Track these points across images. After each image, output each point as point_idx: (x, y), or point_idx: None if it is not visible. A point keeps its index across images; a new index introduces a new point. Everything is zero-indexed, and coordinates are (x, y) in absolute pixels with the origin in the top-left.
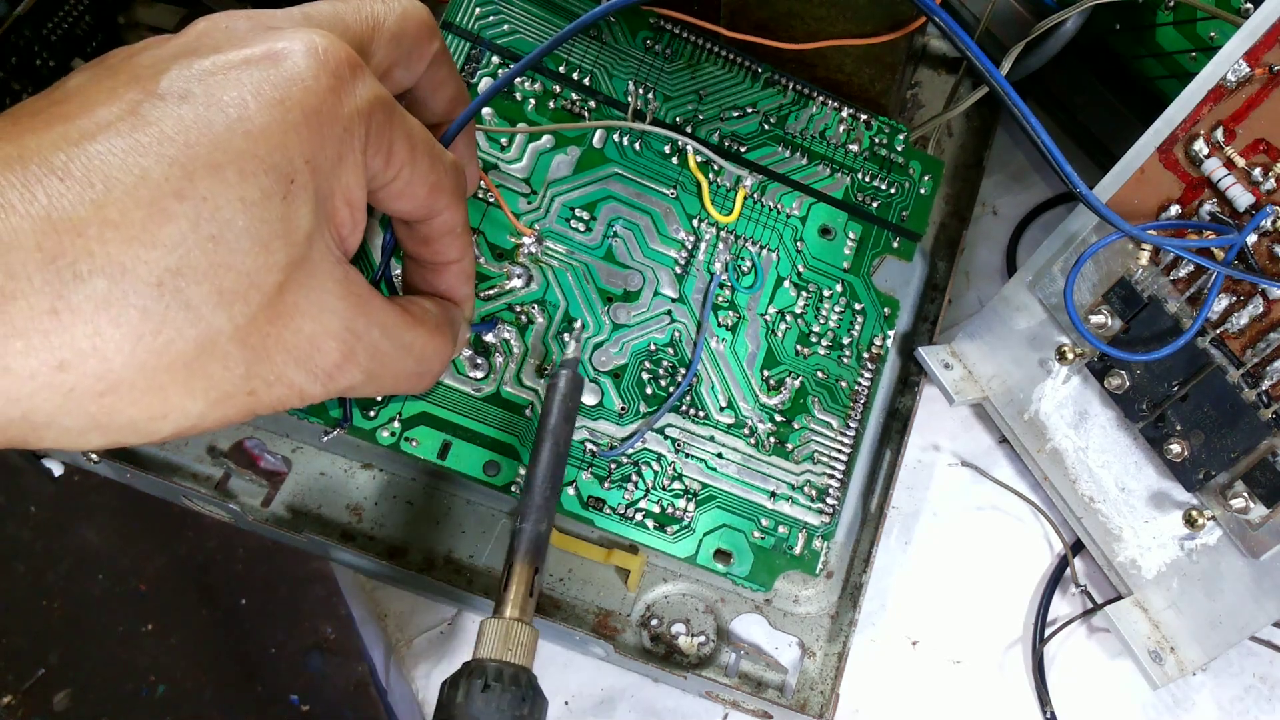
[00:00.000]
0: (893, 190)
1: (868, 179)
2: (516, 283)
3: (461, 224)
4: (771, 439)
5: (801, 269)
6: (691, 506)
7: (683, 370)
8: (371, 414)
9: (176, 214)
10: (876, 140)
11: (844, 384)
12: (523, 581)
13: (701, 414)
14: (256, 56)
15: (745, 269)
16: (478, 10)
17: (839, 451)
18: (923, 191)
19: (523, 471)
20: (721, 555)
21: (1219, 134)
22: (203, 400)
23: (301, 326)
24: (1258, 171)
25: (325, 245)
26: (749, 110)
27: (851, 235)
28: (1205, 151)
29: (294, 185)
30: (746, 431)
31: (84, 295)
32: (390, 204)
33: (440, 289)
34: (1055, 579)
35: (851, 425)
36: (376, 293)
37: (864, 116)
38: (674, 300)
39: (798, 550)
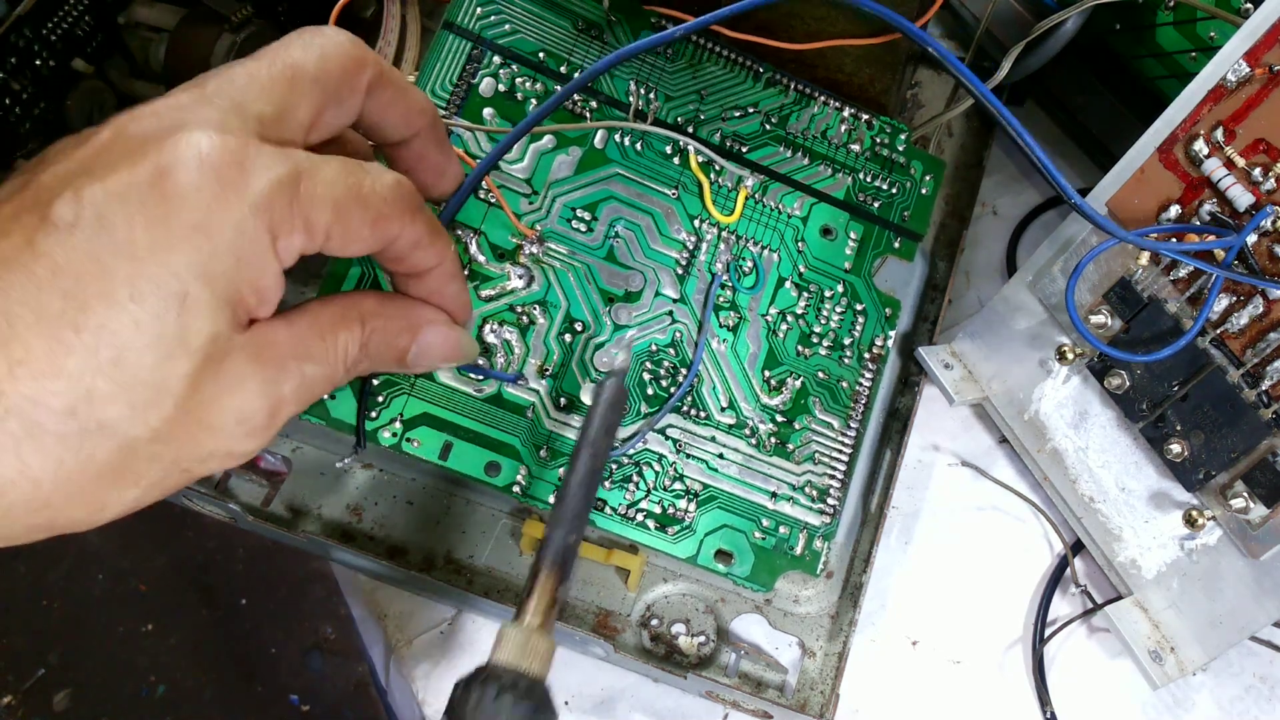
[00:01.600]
0: (894, 190)
1: (869, 179)
2: (518, 283)
3: (426, 235)
4: (772, 439)
5: (803, 269)
6: (692, 507)
7: (684, 371)
8: (373, 415)
9: (76, 345)
10: (878, 140)
11: (845, 384)
12: (546, 591)
13: (703, 414)
14: (143, 176)
15: (746, 269)
16: (478, 10)
17: (840, 451)
18: (924, 192)
19: (523, 473)
20: (723, 556)
21: (1219, 134)
22: (136, 489)
23: (223, 406)
24: (1258, 171)
25: (235, 334)
26: (750, 110)
27: (853, 235)
28: (1205, 151)
29: (188, 300)
30: (747, 432)
31: (2, 432)
32: (343, 253)
33: (424, 294)
34: (1055, 579)
35: (852, 425)
36: (281, 328)
37: (865, 116)
38: (675, 301)
39: (799, 550)
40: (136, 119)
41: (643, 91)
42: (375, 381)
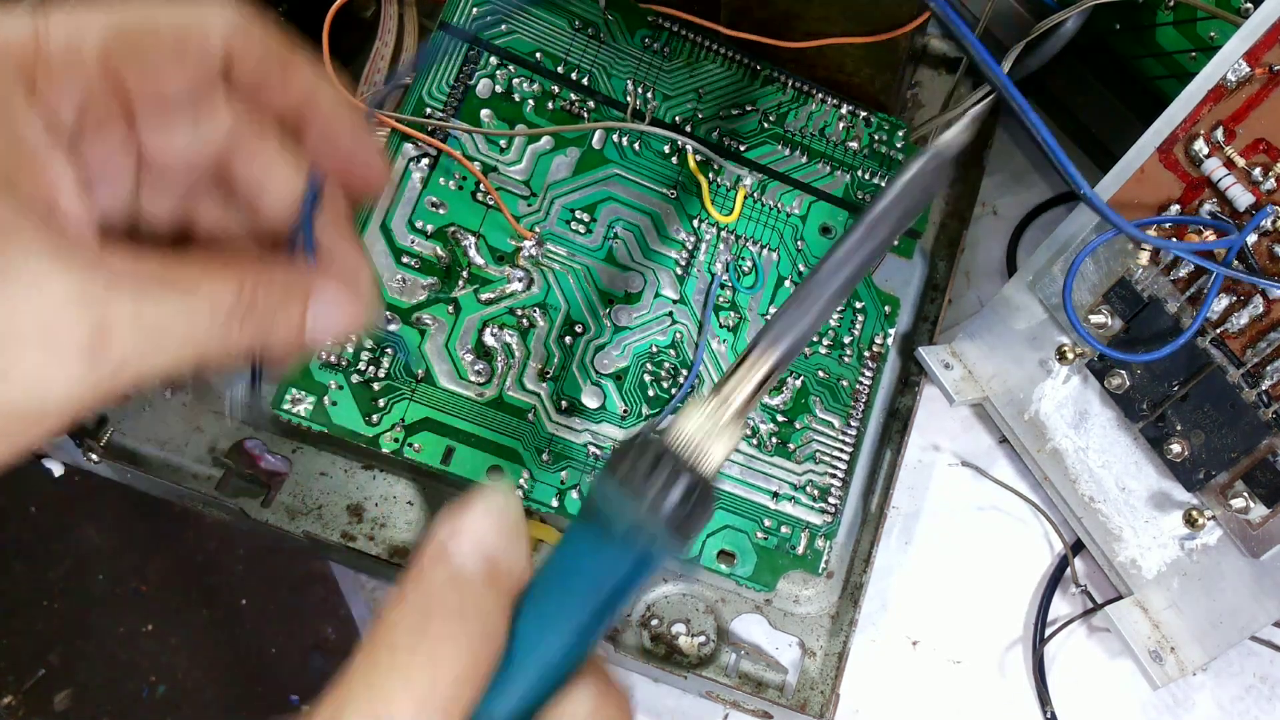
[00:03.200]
0: None
1: (868, 176)
2: (517, 286)
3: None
4: (773, 439)
5: (802, 268)
6: None
7: (685, 372)
8: (374, 419)
9: None
10: (876, 137)
11: (845, 383)
12: (753, 379)
13: None
14: None
15: (746, 269)
16: (474, 10)
17: (840, 450)
18: None
19: (525, 476)
20: (725, 556)
21: (1219, 134)
22: None
23: (15, 311)
24: (1258, 171)
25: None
26: (748, 108)
27: None
28: (1205, 151)
29: None
30: (748, 432)
31: None
32: (164, 82)
33: (319, 139)
34: (1055, 579)
35: (853, 424)
36: (121, 250)
37: (863, 113)
38: (675, 301)
39: (800, 550)
40: None
41: (640, 90)
42: (377, 387)
